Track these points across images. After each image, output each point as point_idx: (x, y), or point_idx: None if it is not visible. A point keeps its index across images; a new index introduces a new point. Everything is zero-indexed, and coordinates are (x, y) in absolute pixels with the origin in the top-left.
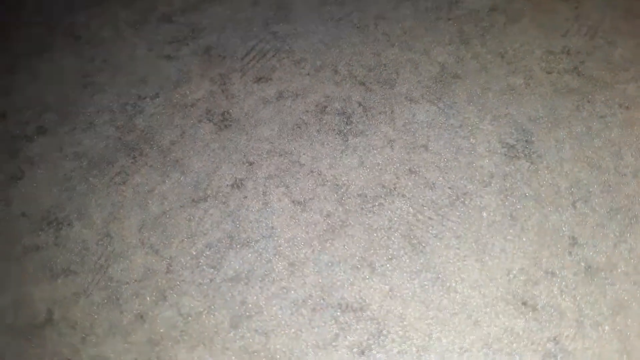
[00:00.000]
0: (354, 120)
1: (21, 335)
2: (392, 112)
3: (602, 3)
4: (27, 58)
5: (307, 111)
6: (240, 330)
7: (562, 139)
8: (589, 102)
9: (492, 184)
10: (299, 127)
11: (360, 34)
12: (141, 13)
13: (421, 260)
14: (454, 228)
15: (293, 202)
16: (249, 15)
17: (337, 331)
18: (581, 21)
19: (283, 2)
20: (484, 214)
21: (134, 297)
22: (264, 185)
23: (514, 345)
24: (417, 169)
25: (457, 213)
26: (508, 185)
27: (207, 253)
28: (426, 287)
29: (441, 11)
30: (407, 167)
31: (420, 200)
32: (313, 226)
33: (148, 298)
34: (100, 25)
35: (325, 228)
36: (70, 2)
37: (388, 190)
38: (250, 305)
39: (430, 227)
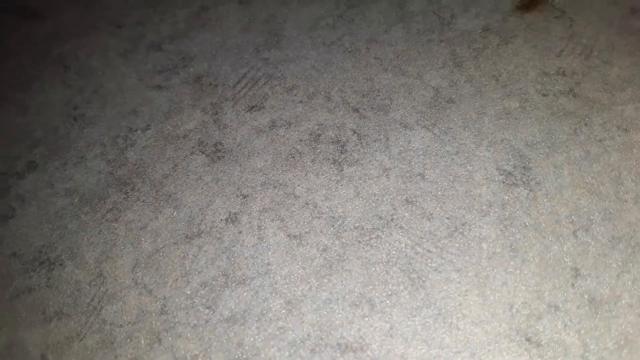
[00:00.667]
0: (349, 149)
1: None
2: (387, 139)
3: (596, 20)
4: (14, 90)
5: (300, 140)
6: None
7: (561, 165)
8: (586, 125)
9: (491, 214)
10: (293, 157)
11: (352, 58)
12: (130, 41)
13: (421, 296)
14: (454, 261)
15: (289, 236)
16: (240, 41)
17: None
18: (576, 40)
19: (274, 27)
20: (484, 245)
21: (128, 340)
22: (259, 219)
23: None
24: (414, 199)
25: (457, 245)
26: (507, 214)
27: (202, 292)
28: (427, 324)
29: (433, 33)
30: (404, 197)
31: (418, 232)
32: (310, 261)
33: (142, 341)
34: (89, 54)
35: (322, 263)
36: (58, 31)
37: (385, 222)
38: (247, 347)
39: (430, 260)
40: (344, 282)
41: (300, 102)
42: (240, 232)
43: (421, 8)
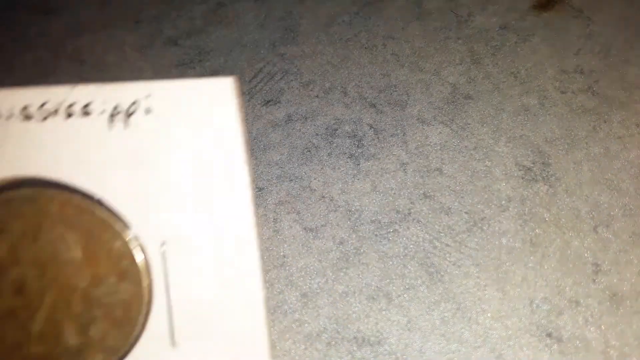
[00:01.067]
0: (365, 144)
1: None
2: (404, 134)
3: (614, 20)
4: (31, 84)
5: (317, 134)
6: None
7: (580, 161)
8: (605, 122)
9: (510, 209)
10: (309, 151)
11: (369, 54)
12: (147, 37)
13: (439, 290)
14: (473, 255)
15: (305, 229)
16: (256, 37)
17: None
18: (593, 39)
19: (290, 23)
20: (504, 240)
21: None
22: (274, 211)
23: None
24: (432, 193)
25: (475, 239)
26: (527, 209)
27: None
28: (446, 318)
29: (450, 30)
30: (421, 192)
31: (436, 226)
32: (326, 254)
33: None
34: (106, 49)
35: (338, 256)
36: (75, 26)
37: (402, 216)
38: None
39: (448, 255)
40: (360, 276)
41: (317, 96)
42: (256, 224)
43: (438, 6)
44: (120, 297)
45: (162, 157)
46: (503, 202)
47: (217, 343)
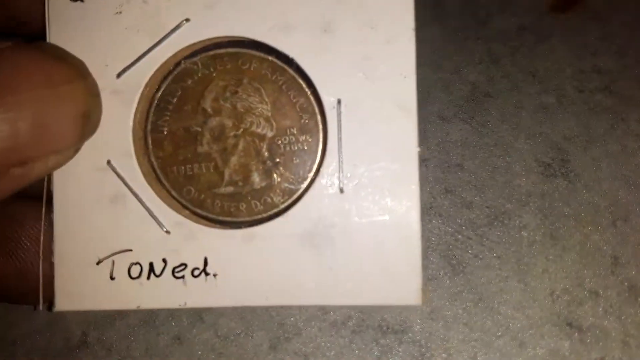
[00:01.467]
0: None
1: (56, 358)
2: (424, 131)
3: (631, 21)
4: None
5: None
6: (279, 352)
7: (599, 158)
8: (622, 120)
9: (531, 203)
10: None
11: None
12: None
13: (462, 281)
14: (494, 248)
15: None
16: None
17: (379, 354)
18: (610, 40)
19: None
20: (524, 234)
21: (170, 318)
22: None
23: None
24: (453, 188)
25: (497, 232)
26: (547, 204)
27: None
28: (468, 308)
29: (469, 31)
30: (442, 186)
31: (457, 220)
32: None
33: (185, 319)
34: None
35: None
36: None
37: (424, 210)
38: (288, 327)
39: (470, 247)
40: None
41: None
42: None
43: (457, 7)
44: (300, 147)
45: (345, 24)
46: (523, 197)
47: (380, 191)
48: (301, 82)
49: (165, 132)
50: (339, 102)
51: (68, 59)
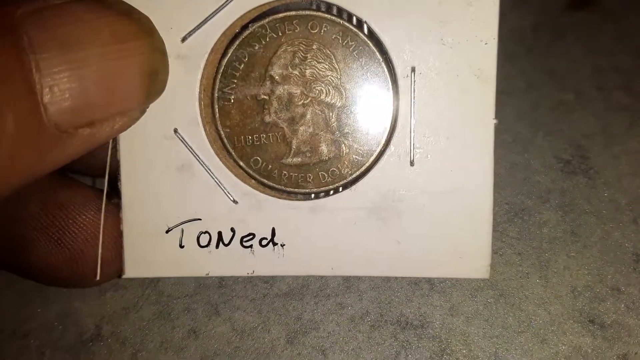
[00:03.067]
0: None
1: (68, 352)
2: None
3: None
4: None
5: None
6: (296, 346)
7: (618, 155)
8: None
9: (551, 200)
10: None
11: None
12: None
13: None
14: (514, 244)
15: None
16: None
17: (399, 349)
18: (627, 40)
19: None
20: (545, 230)
21: (186, 311)
22: None
23: None
24: None
25: (517, 229)
26: (567, 201)
27: None
28: (489, 304)
29: None
30: None
31: None
32: None
33: (200, 313)
34: None
35: None
36: None
37: None
38: (305, 321)
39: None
40: None
41: None
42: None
43: None
44: (369, 116)
45: None
46: (543, 193)
47: (451, 165)
48: (373, 48)
49: (232, 100)
50: (412, 69)
51: (134, 15)
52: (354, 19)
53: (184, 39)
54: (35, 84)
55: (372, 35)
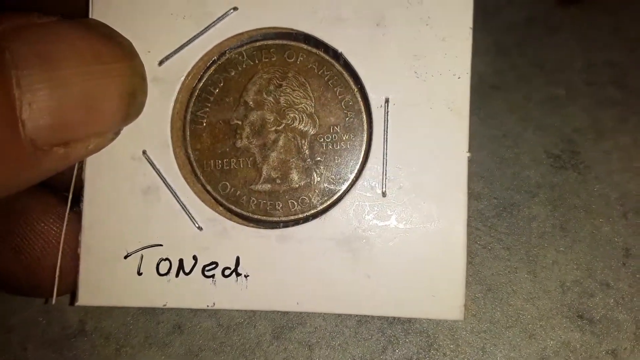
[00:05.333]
0: None
1: (52, 347)
2: None
3: None
4: None
5: None
6: (282, 341)
7: (609, 150)
8: (633, 114)
9: (540, 195)
10: None
11: None
12: None
13: (470, 272)
14: (503, 239)
15: None
16: None
17: (385, 344)
18: (621, 34)
19: None
20: (534, 225)
21: None
22: None
23: (572, 359)
24: None
25: (505, 224)
26: (556, 195)
27: None
28: (477, 298)
29: (477, 22)
30: None
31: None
32: None
33: (185, 308)
34: None
35: None
36: None
37: None
38: (292, 316)
39: (478, 238)
40: None
41: None
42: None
43: None
44: (342, 146)
45: (398, 19)
46: (532, 188)
47: (424, 197)
48: (348, 78)
49: (205, 124)
50: (386, 101)
51: (117, 38)
52: (330, 50)
53: (161, 63)
54: (16, 100)
55: (347, 66)
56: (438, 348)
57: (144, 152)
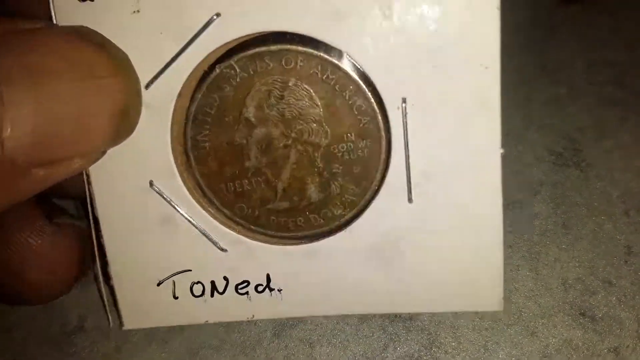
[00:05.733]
0: None
1: (52, 343)
2: None
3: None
4: None
5: None
6: (283, 339)
7: (611, 149)
8: (634, 112)
9: (542, 192)
10: None
11: None
12: None
13: None
14: (505, 237)
15: None
16: None
17: (387, 342)
18: (620, 34)
19: None
20: (536, 223)
21: None
22: None
23: (574, 356)
24: None
25: (507, 221)
26: (559, 193)
27: None
28: None
29: None
30: None
31: None
32: None
33: None
34: None
35: None
36: None
37: None
38: None
39: None
40: None
41: None
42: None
43: None
44: (359, 154)
45: (409, 5)
46: (535, 186)
47: (453, 201)
48: (357, 79)
49: (208, 148)
50: (404, 100)
51: (111, 49)
52: (333, 50)
53: (147, 86)
54: None
55: (355, 66)
56: (439, 346)
57: (151, 184)
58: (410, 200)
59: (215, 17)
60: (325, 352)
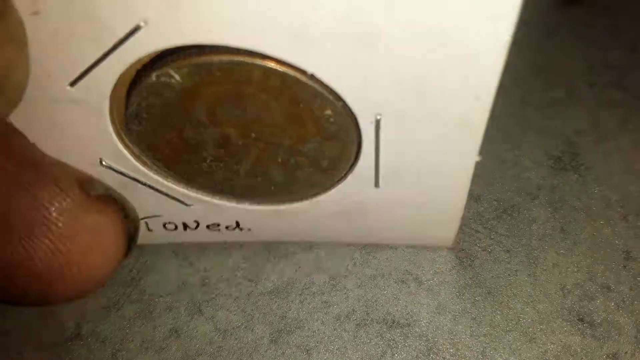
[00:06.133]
0: None
1: (47, 351)
2: None
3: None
4: None
5: None
6: (280, 345)
7: (610, 152)
8: (634, 115)
9: (540, 197)
10: None
11: None
12: None
13: (470, 275)
14: (503, 241)
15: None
16: None
17: (385, 348)
18: (620, 35)
19: None
20: (534, 227)
21: (168, 310)
22: None
23: None
24: None
25: (506, 226)
26: (557, 197)
27: (244, 265)
28: (477, 302)
29: None
30: None
31: (465, 213)
32: None
33: (183, 311)
34: None
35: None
36: None
37: None
38: (290, 320)
39: (478, 240)
40: (389, 259)
41: None
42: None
43: None
44: (327, 153)
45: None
46: (533, 190)
47: (418, 191)
48: (327, 94)
49: (159, 141)
50: (378, 121)
51: None
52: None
53: (72, 84)
54: None
55: (322, 83)
56: (437, 352)
57: (101, 161)
58: (377, 184)
59: (143, 23)
60: (322, 358)
